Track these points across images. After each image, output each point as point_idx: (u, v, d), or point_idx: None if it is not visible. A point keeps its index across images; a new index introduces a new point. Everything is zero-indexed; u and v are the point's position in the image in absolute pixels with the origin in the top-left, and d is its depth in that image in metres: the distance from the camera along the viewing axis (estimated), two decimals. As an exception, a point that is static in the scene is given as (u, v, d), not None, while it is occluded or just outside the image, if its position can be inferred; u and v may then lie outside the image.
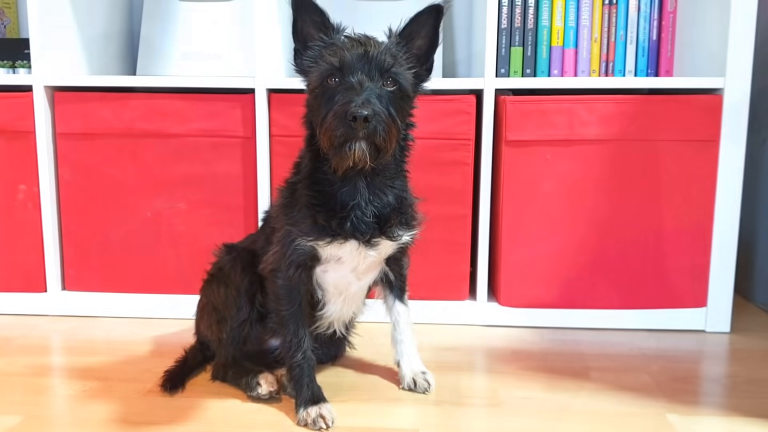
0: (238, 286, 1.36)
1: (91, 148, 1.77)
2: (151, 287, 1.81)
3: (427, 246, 1.71)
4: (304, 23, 1.22)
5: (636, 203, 1.70)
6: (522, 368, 1.51)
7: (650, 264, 1.72)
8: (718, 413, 1.30)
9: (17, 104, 1.75)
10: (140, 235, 1.79)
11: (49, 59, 1.76)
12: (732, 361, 1.57)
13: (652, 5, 1.82)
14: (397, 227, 1.27)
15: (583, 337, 1.70)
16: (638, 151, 1.69)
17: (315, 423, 1.22)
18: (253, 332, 1.37)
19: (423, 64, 1.25)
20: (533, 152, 1.69)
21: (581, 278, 1.73)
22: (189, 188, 1.77)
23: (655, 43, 1.83)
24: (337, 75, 1.16)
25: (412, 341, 1.42)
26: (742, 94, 1.66)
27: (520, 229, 1.72)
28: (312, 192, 1.23)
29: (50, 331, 1.72)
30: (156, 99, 1.74)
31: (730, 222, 1.71)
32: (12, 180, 1.78)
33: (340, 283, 1.31)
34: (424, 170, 1.68)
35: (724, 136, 1.67)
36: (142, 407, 1.30)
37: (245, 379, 1.34)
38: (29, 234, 1.79)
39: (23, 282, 1.82)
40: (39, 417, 1.26)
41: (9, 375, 1.45)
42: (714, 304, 1.73)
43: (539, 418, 1.28)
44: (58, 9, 1.79)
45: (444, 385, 1.41)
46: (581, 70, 1.83)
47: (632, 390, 1.39)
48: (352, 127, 1.11)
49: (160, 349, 1.60)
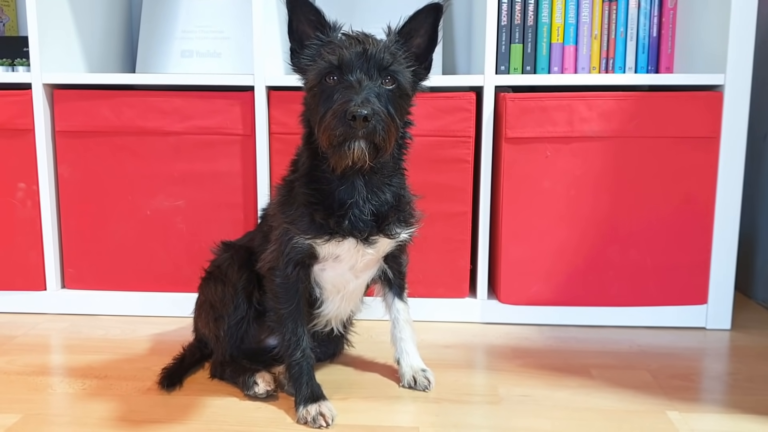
0: (235, 283, 1.36)
1: (91, 146, 1.76)
2: (151, 285, 1.81)
3: (428, 243, 1.71)
4: (299, 22, 1.22)
5: (636, 200, 1.70)
6: (522, 365, 1.51)
7: (650, 261, 1.72)
8: (718, 410, 1.30)
9: (16, 102, 1.75)
10: (140, 233, 1.79)
11: (48, 57, 1.76)
12: (732, 358, 1.57)
13: (652, 2, 1.81)
14: (395, 225, 1.27)
15: (584, 335, 1.70)
16: (638, 148, 1.68)
17: (315, 421, 1.22)
18: (251, 330, 1.37)
19: (422, 63, 1.25)
20: (533, 149, 1.69)
21: (581, 275, 1.73)
22: (188, 186, 1.77)
23: (655, 40, 1.83)
24: (335, 73, 1.16)
25: (412, 339, 1.42)
26: (743, 90, 1.65)
27: (520, 227, 1.72)
28: (310, 190, 1.23)
29: (49, 329, 1.72)
30: (155, 97, 1.74)
31: (731, 219, 1.70)
32: (11, 178, 1.78)
33: (338, 281, 1.31)
34: (424, 167, 1.68)
35: (725, 133, 1.67)
36: (142, 405, 1.30)
37: (242, 378, 1.34)
38: (28, 232, 1.79)
39: (22, 280, 1.82)
40: (38, 415, 1.26)
41: (8, 373, 1.45)
42: (714, 301, 1.73)
43: (539, 415, 1.28)
44: (57, 7, 1.78)
45: (444, 383, 1.41)
46: (581, 67, 1.83)
47: (632, 387, 1.39)
48: (351, 126, 1.11)
49: (159, 347, 1.60)
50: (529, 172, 1.70)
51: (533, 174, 1.70)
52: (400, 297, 1.42)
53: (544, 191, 1.70)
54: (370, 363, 1.51)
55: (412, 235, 1.32)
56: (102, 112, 1.74)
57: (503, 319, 1.77)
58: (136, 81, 1.78)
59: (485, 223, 1.75)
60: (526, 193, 1.71)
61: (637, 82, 1.71)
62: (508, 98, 1.66)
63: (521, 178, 1.70)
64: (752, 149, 1.92)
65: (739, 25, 1.62)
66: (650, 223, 1.71)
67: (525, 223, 1.72)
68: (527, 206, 1.71)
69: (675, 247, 1.71)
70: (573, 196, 1.70)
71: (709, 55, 1.71)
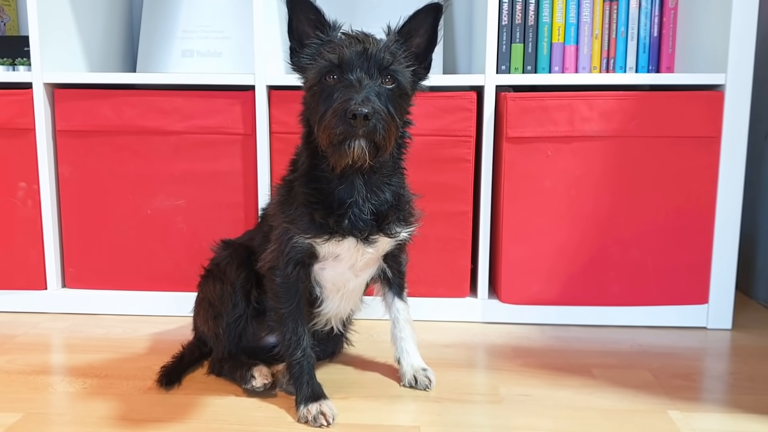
0: (233, 282, 1.36)
1: (91, 146, 1.77)
2: (152, 284, 1.81)
3: (428, 243, 1.71)
4: (299, 21, 1.22)
5: (637, 200, 1.70)
6: (523, 365, 1.51)
7: (651, 261, 1.72)
8: (719, 410, 1.30)
9: (17, 101, 1.75)
10: (140, 232, 1.79)
11: (49, 56, 1.76)
12: (733, 357, 1.57)
13: (653, 1, 1.81)
14: (395, 224, 1.27)
15: (584, 334, 1.69)
16: (639, 148, 1.68)
17: (316, 420, 1.22)
18: (249, 328, 1.38)
19: (421, 62, 1.25)
20: (534, 149, 1.69)
21: (582, 275, 1.73)
22: (189, 185, 1.77)
23: (656, 40, 1.83)
24: (336, 72, 1.16)
25: (412, 338, 1.42)
26: (744, 90, 1.65)
27: (521, 226, 1.72)
28: (309, 189, 1.23)
29: (50, 328, 1.73)
30: (156, 96, 1.74)
31: (732, 218, 1.70)
32: (12, 177, 1.78)
33: (338, 280, 1.31)
34: (425, 167, 1.68)
35: (726, 133, 1.67)
36: (142, 404, 1.30)
37: (240, 372, 1.35)
38: (29, 231, 1.79)
39: (23, 279, 1.82)
40: (39, 414, 1.26)
41: (9, 372, 1.45)
42: (715, 300, 1.73)
43: (540, 415, 1.27)
44: (57, 6, 1.78)
45: (445, 382, 1.40)
46: (582, 67, 1.83)
47: (634, 387, 1.39)
48: (351, 125, 1.11)
49: (159, 346, 1.60)
50: (530, 172, 1.70)
51: (534, 173, 1.70)
52: (400, 296, 1.42)
53: (545, 191, 1.70)
54: (371, 362, 1.51)
55: (411, 234, 1.32)
56: (103, 111, 1.74)
57: (504, 319, 1.76)
58: (137, 80, 1.79)
59: (486, 223, 1.75)
60: (526, 193, 1.70)
61: (638, 82, 1.71)
62: (509, 98, 1.66)
63: (522, 177, 1.70)
64: (753, 149, 1.91)
65: (740, 25, 1.62)
66: (651, 223, 1.71)
67: (526, 222, 1.71)
68: (528, 206, 1.71)
69: (676, 246, 1.71)
70: (574, 196, 1.70)
71: (709, 54, 1.71)
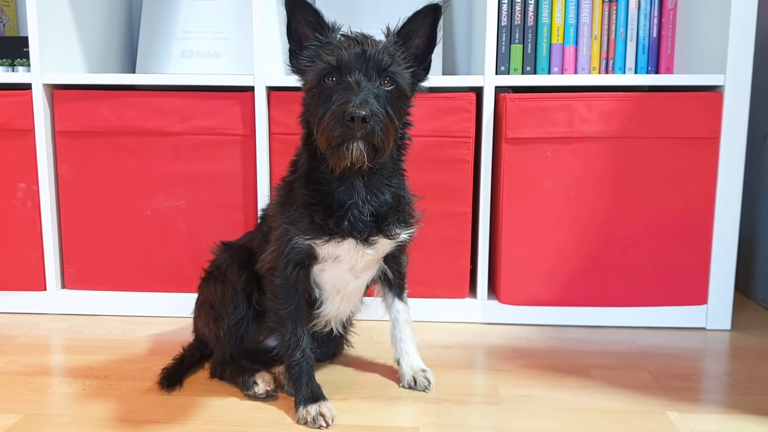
0: (234, 284, 1.36)
1: (91, 147, 1.77)
2: (151, 285, 1.81)
3: (428, 244, 1.71)
4: (298, 23, 1.22)
5: (636, 200, 1.70)
6: (522, 366, 1.51)
7: (650, 261, 1.72)
8: (718, 411, 1.30)
9: (16, 102, 1.75)
10: (140, 233, 1.79)
11: (48, 57, 1.76)
12: (732, 358, 1.57)
13: (653, 2, 1.81)
14: (395, 225, 1.27)
15: (584, 335, 1.69)
16: (638, 149, 1.68)
17: (315, 421, 1.22)
18: (250, 330, 1.37)
19: (420, 64, 1.25)
20: (533, 150, 1.69)
21: (581, 276, 1.73)
22: (188, 186, 1.77)
23: (655, 40, 1.83)
24: (334, 74, 1.16)
25: (412, 339, 1.42)
26: (743, 90, 1.65)
27: (521, 227, 1.72)
28: (309, 191, 1.23)
29: (50, 329, 1.73)
30: (155, 97, 1.74)
31: (731, 219, 1.70)
32: (11, 178, 1.78)
33: (338, 281, 1.31)
34: (424, 168, 1.68)
35: (725, 133, 1.67)
36: (142, 405, 1.30)
37: (242, 378, 1.34)
38: (28, 232, 1.79)
39: (23, 280, 1.82)
40: (38, 415, 1.26)
41: (8, 374, 1.45)
42: (714, 301, 1.73)
43: (539, 415, 1.28)
44: (57, 7, 1.78)
45: (444, 383, 1.41)
46: (581, 68, 1.83)
47: (633, 388, 1.39)
48: (349, 127, 1.11)
49: (159, 347, 1.60)
50: (529, 173, 1.70)
51: (533, 174, 1.70)
52: (400, 297, 1.42)
53: (544, 191, 1.70)
54: (370, 363, 1.51)
55: (411, 235, 1.32)
56: (102, 112, 1.74)
57: (503, 320, 1.77)
58: (136, 81, 1.79)
59: (485, 224, 1.75)
60: (526, 194, 1.70)
61: (637, 83, 1.71)
62: (508, 99, 1.66)
63: (521, 178, 1.70)
64: (752, 150, 1.91)
65: (739, 26, 1.62)
66: (650, 224, 1.71)
67: (525, 223, 1.72)
68: (527, 206, 1.71)
69: (675, 247, 1.71)
70: (573, 197, 1.70)
71: (709, 55, 1.71)
